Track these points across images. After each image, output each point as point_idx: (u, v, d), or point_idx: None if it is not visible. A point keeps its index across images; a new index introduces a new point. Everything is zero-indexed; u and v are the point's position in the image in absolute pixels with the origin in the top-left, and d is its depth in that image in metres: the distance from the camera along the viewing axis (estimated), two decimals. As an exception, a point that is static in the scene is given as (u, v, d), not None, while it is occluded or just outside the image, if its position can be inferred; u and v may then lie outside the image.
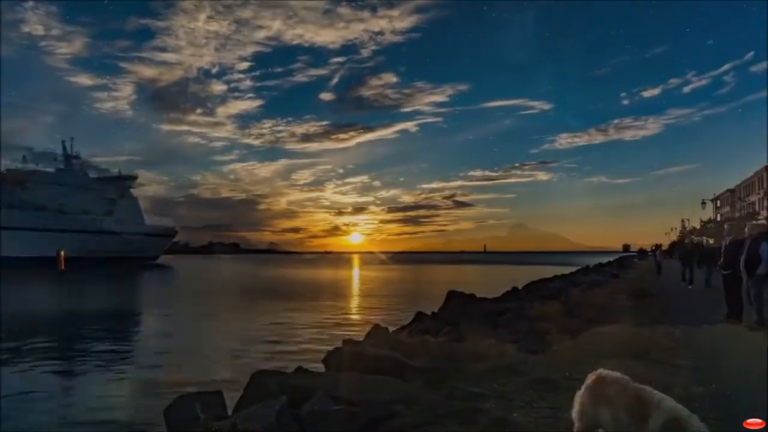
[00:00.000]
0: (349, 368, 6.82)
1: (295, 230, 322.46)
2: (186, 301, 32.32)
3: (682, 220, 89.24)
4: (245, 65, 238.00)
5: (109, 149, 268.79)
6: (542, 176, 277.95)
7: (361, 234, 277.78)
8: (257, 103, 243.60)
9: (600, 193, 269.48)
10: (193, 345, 16.60)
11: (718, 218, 70.65)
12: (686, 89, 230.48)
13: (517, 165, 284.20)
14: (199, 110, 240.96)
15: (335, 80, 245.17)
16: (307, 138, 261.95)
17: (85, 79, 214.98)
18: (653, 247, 34.95)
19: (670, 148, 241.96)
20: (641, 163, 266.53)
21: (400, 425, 4.46)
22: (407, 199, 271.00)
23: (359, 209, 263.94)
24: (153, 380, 11.84)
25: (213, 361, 14.10)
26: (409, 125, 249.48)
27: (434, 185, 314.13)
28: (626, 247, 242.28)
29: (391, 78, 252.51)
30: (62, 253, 55.41)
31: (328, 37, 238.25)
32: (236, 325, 20.94)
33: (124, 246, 77.43)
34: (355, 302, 31.48)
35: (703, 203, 56.77)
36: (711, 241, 61.11)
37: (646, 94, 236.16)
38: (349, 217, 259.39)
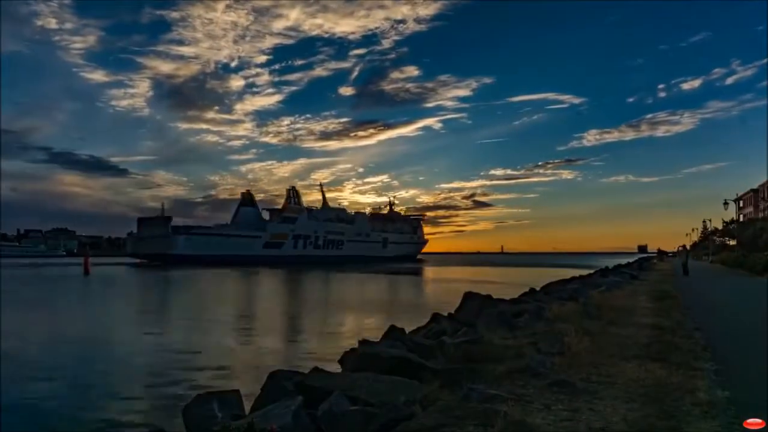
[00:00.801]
0: (365, 369, 6.82)
1: None
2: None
3: (704, 221, 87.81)
4: (263, 58, 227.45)
5: (126, 148, 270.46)
6: (566, 175, 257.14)
7: None
8: (275, 98, 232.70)
9: (624, 192, 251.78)
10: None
11: (741, 219, 69.33)
12: (729, 80, 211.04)
13: (540, 163, 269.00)
14: (216, 107, 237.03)
15: (355, 74, 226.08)
16: (326, 135, 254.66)
17: (100, 76, 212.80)
18: (680, 248, 34.22)
19: (705, 145, 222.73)
20: (671, 161, 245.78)
21: (417, 427, 4.43)
22: (426, 199, 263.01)
23: (377, 209, 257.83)
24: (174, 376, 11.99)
25: (231, 360, 14.22)
26: (432, 121, 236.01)
27: (454, 185, 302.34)
28: (642, 248, 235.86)
29: (413, 71, 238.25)
30: (89, 258, 65.18)
31: (348, 26, 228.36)
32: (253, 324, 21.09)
33: (414, 250, 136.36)
34: (371, 302, 31.49)
35: (726, 203, 55.62)
36: (733, 242, 60.01)
37: (686, 86, 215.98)
38: None
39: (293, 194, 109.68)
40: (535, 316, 11.19)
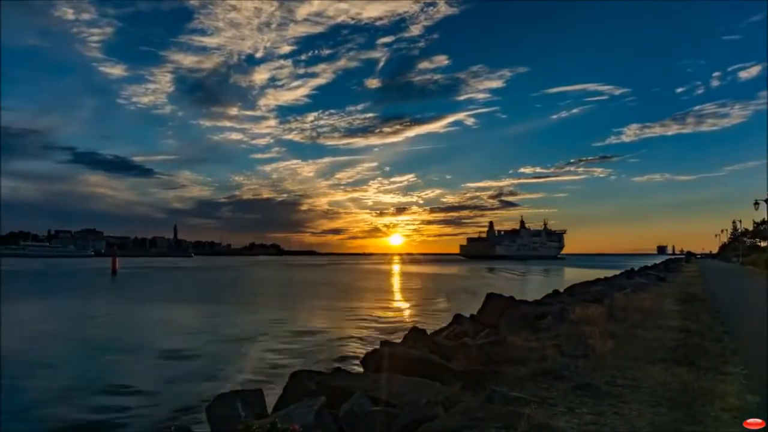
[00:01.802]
0: (387, 369, 6.82)
1: (336, 231, 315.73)
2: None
3: (734, 222, 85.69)
4: (288, 48, 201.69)
5: (149, 147, 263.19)
6: (598, 173, 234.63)
7: (401, 236, 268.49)
8: (299, 92, 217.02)
9: (656, 191, 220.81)
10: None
11: (773, 220, 67.39)
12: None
13: (572, 161, 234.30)
14: (239, 103, 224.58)
15: (381, 64, 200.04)
16: (351, 132, 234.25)
17: (120, 71, 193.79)
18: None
19: (754, 140, 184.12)
20: (714, 158, 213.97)
21: (439, 428, 4.42)
22: (452, 198, 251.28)
23: (401, 209, 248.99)
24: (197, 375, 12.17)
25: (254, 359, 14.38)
26: (461, 116, 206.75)
27: (481, 184, 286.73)
28: (661, 249, 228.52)
29: (443, 60, 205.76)
30: (116, 259, 69.48)
31: (374, 11, 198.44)
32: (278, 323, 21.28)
33: (559, 252, 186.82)
34: (393, 304, 31.50)
35: (756, 204, 54.14)
36: (763, 244, 58.41)
37: (744, 74, 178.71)
38: (390, 218, 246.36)
39: (523, 222, 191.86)
40: (559, 318, 11.06)
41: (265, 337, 18.13)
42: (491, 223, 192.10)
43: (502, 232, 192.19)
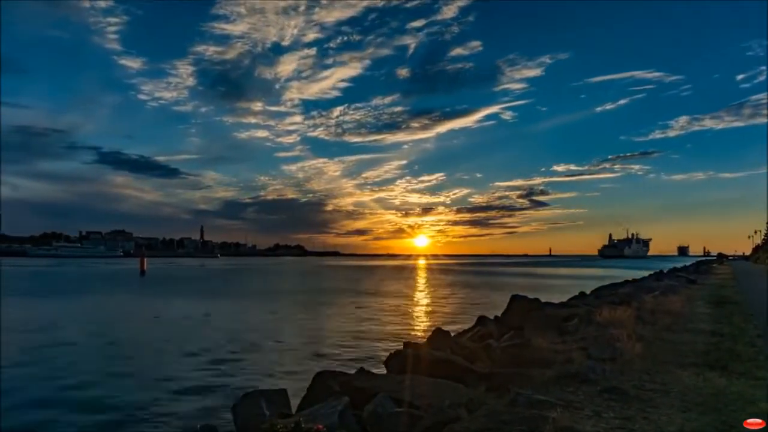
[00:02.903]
0: (410, 371, 6.82)
1: (361, 232, 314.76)
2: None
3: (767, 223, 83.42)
4: (313, 36, 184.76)
5: (172, 145, 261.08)
6: (636, 171, 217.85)
7: (426, 237, 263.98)
8: (325, 84, 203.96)
9: (694, 189, 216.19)
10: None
11: (809, 220, 65.41)
12: None
13: (610, 157, 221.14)
14: (264, 98, 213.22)
15: (411, 51, 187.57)
16: (377, 129, 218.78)
17: (140, 64, 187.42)
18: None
19: None
20: (763, 152, 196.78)
21: (463, 430, 4.39)
22: (480, 198, 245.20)
23: (427, 210, 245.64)
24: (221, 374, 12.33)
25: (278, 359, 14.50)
26: (495, 109, 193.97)
27: (511, 183, 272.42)
28: (682, 250, 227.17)
29: (477, 46, 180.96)
30: (144, 259, 69.20)
31: None
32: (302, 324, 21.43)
33: (645, 254, 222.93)
34: (416, 305, 31.44)
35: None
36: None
37: None
38: (415, 219, 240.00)
39: (632, 233, 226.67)
40: (586, 321, 10.90)
41: (290, 337, 18.27)
42: (610, 234, 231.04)
43: (616, 241, 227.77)
